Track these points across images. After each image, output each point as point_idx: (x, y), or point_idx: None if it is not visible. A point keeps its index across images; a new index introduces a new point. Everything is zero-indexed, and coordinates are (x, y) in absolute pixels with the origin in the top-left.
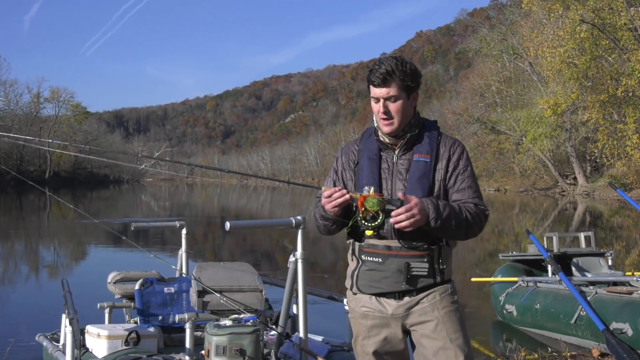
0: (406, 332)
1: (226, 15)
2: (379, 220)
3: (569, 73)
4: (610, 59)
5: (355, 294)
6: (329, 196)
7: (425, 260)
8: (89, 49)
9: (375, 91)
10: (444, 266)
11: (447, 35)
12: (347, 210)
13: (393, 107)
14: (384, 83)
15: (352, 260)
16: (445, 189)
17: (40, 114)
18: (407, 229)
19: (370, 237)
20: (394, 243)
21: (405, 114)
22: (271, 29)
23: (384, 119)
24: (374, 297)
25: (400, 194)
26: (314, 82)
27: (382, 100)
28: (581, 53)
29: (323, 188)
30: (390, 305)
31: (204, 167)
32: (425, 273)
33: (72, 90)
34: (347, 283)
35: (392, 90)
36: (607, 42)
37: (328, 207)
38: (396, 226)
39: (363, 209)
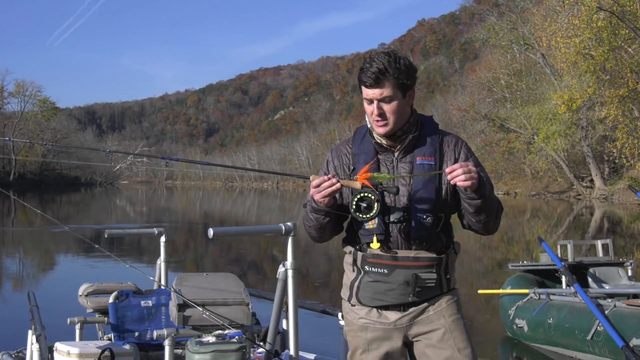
0: (407, 345)
1: (209, 2)
2: (374, 211)
3: (585, 65)
4: (630, 50)
5: (354, 305)
6: (318, 185)
7: (434, 270)
8: (58, 39)
9: (368, 92)
10: (449, 275)
11: (451, 24)
12: (340, 207)
13: (388, 108)
14: (376, 83)
15: (353, 270)
16: (454, 192)
17: (4, 109)
18: (465, 184)
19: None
20: (401, 253)
21: (401, 113)
22: (259, 17)
23: (378, 121)
24: (374, 309)
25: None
26: (306, 75)
27: (375, 102)
28: (598, 43)
29: (311, 177)
30: (393, 316)
31: (181, 160)
32: (434, 284)
33: (39, 84)
34: (344, 293)
35: (385, 91)
36: (627, 31)
37: (317, 197)
38: (454, 181)
39: (360, 195)
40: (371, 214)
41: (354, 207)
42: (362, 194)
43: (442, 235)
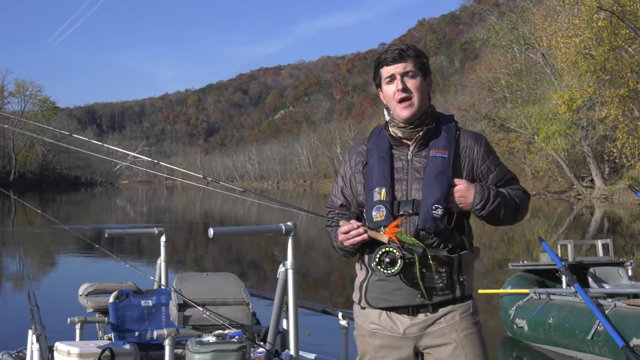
0: (418, 355)
1: (209, 2)
2: (397, 267)
3: (585, 65)
4: (630, 49)
5: (364, 308)
6: (347, 232)
7: (443, 270)
8: (58, 39)
9: (389, 69)
10: (464, 278)
11: (452, 24)
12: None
13: (411, 83)
14: (400, 58)
15: (361, 269)
16: None
17: (4, 109)
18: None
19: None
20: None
21: (423, 94)
22: (259, 16)
23: (402, 100)
24: (384, 312)
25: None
26: (306, 75)
27: (399, 77)
28: (599, 43)
29: (341, 222)
30: (403, 323)
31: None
32: (443, 285)
33: (39, 83)
34: (355, 296)
35: (408, 66)
36: (627, 31)
37: (346, 244)
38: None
39: (384, 250)
40: (393, 270)
41: (376, 260)
42: (387, 249)
43: (455, 233)
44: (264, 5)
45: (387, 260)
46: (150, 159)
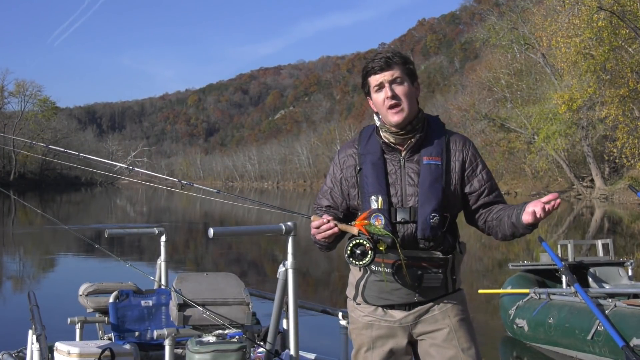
0: (411, 343)
1: (210, 1)
2: (367, 258)
3: (585, 65)
4: (630, 49)
5: (359, 304)
6: (318, 227)
7: (440, 271)
8: (58, 38)
9: (377, 77)
10: (455, 276)
11: (452, 24)
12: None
13: (400, 90)
14: (387, 66)
15: (359, 269)
16: (462, 193)
17: (4, 109)
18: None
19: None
20: (408, 253)
21: (412, 100)
22: (259, 16)
23: (392, 106)
24: (380, 307)
25: None
26: (306, 75)
27: (387, 84)
28: (599, 43)
29: (312, 217)
30: (399, 314)
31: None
32: (439, 284)
33: (39, 83)
34: (350, 292)
35: (396, 73)
36: (627, 31)
37: (318, 237)
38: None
39: (355, 242)
40: (364, 261)
41: (348, 251)
42: (357, 241)
43: (448, 235)
44: (264, 5)
45: (359, 252)
46: (126, 166)
